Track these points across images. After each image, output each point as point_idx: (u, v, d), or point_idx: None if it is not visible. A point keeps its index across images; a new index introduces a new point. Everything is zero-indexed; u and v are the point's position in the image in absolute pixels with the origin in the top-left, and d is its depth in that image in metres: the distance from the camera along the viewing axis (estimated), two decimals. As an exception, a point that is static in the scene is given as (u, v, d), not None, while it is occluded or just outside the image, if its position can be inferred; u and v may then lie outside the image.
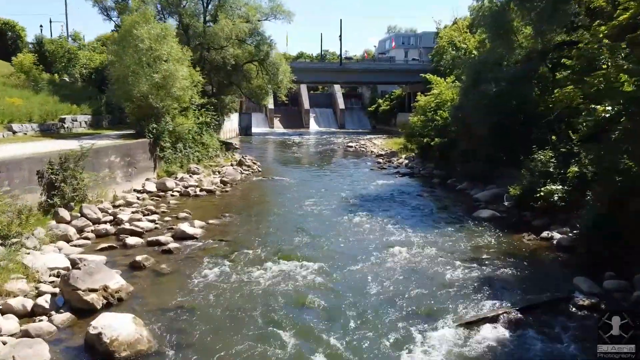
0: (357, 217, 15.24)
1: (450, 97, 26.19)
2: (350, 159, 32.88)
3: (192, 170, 23.16)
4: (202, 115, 26.83)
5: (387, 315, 8.31)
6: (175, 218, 14.87)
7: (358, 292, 9.28)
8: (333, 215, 15.55)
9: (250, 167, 26.03)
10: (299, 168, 28.31)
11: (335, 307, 8.64)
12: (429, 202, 18.09)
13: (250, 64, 34.76)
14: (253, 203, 17.59)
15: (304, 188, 20.92)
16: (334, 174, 25.43)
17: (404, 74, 71.95)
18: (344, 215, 15.49)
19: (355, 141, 50.10)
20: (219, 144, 30.30)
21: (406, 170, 26.78)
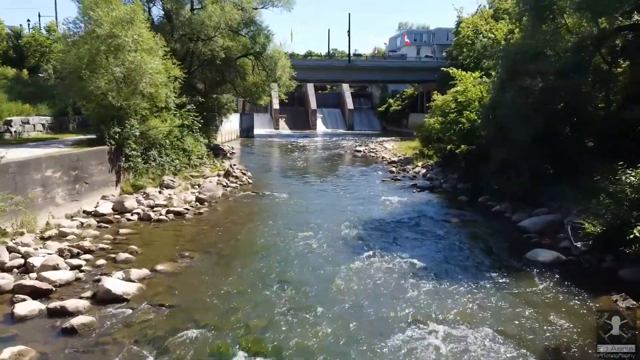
0: (367, 261, 11.00)
1: (478, 95, 21.88)
2: (359, 167, 28.64)
3: (165, 183, 19.08)
4: (183, 116, 22.75)
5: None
6: (112, 261, 10.75)
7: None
8: (333, 258, 11.32)
9: (238, 179, 21.91)
10: (298, 179, 24.11)
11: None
12: (461, 233, 13.79)
13: (245, 58, 30.68)
14: (228, 234, 13.41)
15: (300, 209, 16.74)
16: (339, 188, 21.22)
17: (416, 72, 67.61)
18: (348, 258, 11.25)
19: (364, 144, 45.86)
20: (205, 150, 26.24)
21: (424, 182, 22.48)
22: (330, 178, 24.19)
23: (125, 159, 18.23)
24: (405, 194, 19.71)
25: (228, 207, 16.94)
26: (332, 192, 20.07)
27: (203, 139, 26.48)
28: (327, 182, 22.93)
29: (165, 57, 21.41)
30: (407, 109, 75.64)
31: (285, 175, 25.03)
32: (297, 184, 22.21)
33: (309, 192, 20.30)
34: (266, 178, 24.06)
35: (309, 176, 24.86)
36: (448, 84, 49.43)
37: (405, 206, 17.17)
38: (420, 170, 25.86)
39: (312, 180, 23.59)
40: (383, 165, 29.59)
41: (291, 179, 23.76)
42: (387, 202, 17.77)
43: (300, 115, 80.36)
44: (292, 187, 21.38)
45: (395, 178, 23.59)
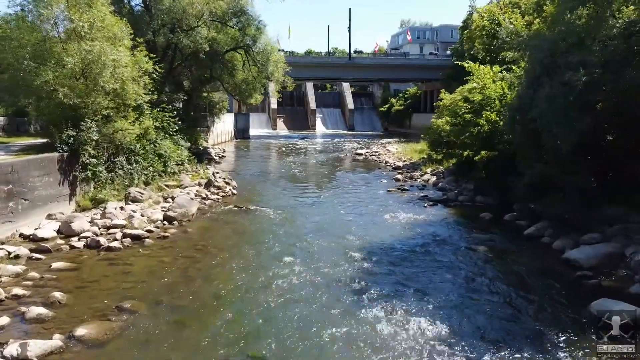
0: (372, 319, 8.01)
1: (499, 93, 18.86)
2: (360, 174, 25.62)
3: (132, 196, 16.10)
4: (158, 117, 19.78)
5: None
6: (20, 318, 7.75)
7: None
8: (329, 315, 8.30)
9: (220, 190, 18.90)
10: (292, 189, 21.11)
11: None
12: (491, 267, 10.78)
13: (234, 52, 27.67)
14: (193, 271, 10.39)
15: (290, 231, 13.73)
16: (337, 200, 18.20)
17: (420, 70, 64.71)
18: (348, 314, 8.25)
19: (365, 147, 42.88)
20: (187, 155, 23.24)
21: (436, 193, 19.51)
22: (328, 187, 21.17)
23: (82, 167, 15.23)
24: (415, 208, 16.70)
25: (201, 229, 13.92)
26: (329, 207, 17.06)
27: (185, 142, 23.48)
28: (324, 192, 19.91)
29: (137, 49, 18.46)
30: (410, 109, 72.75)
31: (276, 184, 22.02)
32: (289, 196, 19.20)
33: (302, 206, 17.29)
34: (254, 188, 21.03)
35: (304, 185, 21.84)
36: (455, 82, 46.51)
37: (417, 226, 14.15)
38: (430, 178, 22.85)
39: (308, 190, 20.58)
40: (387, 171, 26.58)
41: (283, 189, 20.75)
42: (395, 221, 14.75)
43: (299, 116, 77.55)
44: (283, 200, 18.39)
45: (402, 188, 20.57)
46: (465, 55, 54.90)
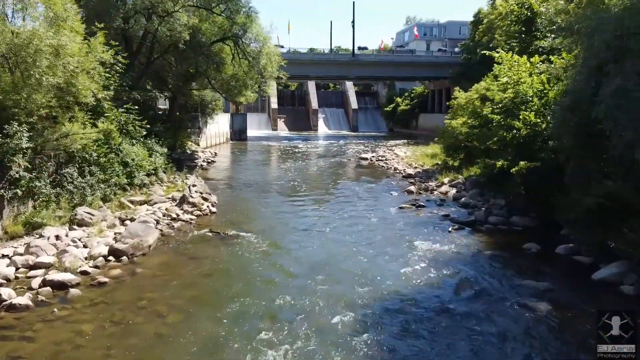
0: None
1: (538, 88, 15.33)
2: (366, 183, 22.10)
3: (78, 218, 12.70)
4: (119, 118, 16.40)
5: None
6: None
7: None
8: None
9: (196, 207, 15.44)
10: (284, 205, 17.65)
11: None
12: (565, 341, 7.31)
13: (222, 43, 24.24)
14: (120, 352, 6.96)
15: (273, 276, 10.27)
16: (339, 223, 14.73)
17: (427, 68, 61.16)
18: None
19: (371, 150, 39.41)
20: (163, 162, 19.82)
21: (459, 211, 16.04)
22: (329, 203, 17.67)
23: (9, 183, 11.83)
24: (437, 234, 13.21)
25: (156, 268, 10.46)
26: (329, 232, 13.56)
27: (161, 148, 20.06)
28: (324, 210, 16.41)
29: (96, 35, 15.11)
30: (416, 109, 69.25)
31: (267, 199, 18.54)
32: (280, 215, 15.74)
33: (295, 231, 13.80)
34: (240, 204, 17.53)
35: (300, 200, 18.36)
36: (465, 80, 42.90)
37: (443, 265, 10.66)
38: (449, 190, 19.33)
39: (304, 207, 17.10)
40: (397, 180, 23.07)
41: (274, 206, 17.29)
42: (413, 256, 11.26)
43: (301, 116, 74.24)
44: (272, 221, 14.94)
45: (416, 203, 17.06)
46: (477, 51, 51.65)
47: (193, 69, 25.37)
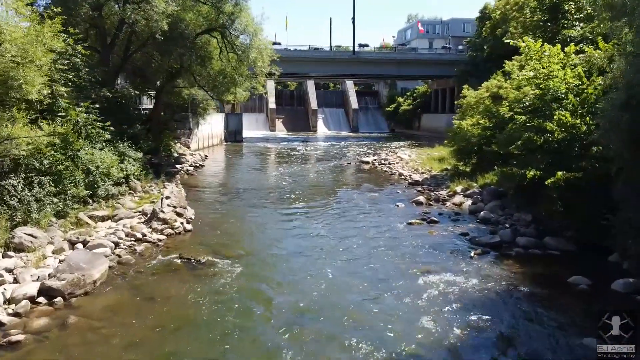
0: None
1: (574, 83, 12.89)
2: (369, 192, 19.64)
3: (16, 242, 10.28)
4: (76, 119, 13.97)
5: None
6: None
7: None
8: None
9: (167, 224, 12.98)
10: (273, 220, 15.20)
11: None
12: None
13: (208, 35, 21.81)
14: None
15: (248, 326, 7.85)
16: (336, 244, 12.30)
17: (431, 66, 58.69)
18: None
19: (373, 152, 36.99)
20: (138, 168, 17.39)
21: (479, 228, 13.62)
22: (326, 218, 15.20)
23: None
24: (456, 260, 10.77)
25: (97, 315, 8.01)
26: (325, 259, 11.11)
27: (135, 152, 17.63)
28: (320, 227, 13.95)
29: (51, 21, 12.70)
30: (419, 109, 66.84)
31: (254, 212, 16.09)
32: (268, 234, 13.30)
33: (284, 257, 11.36)
34: (221, 219, 15.01)
35: (292, 213, 15.92)
36: (472, 78, 40.44)
37: (471, 310, 8.22)
38: (463, 200, 16.90)
39: (296, 222, 14.65)
40: (402, 188, 20.63)
41: (262, 221, 14.84)
42: (429, 294, 8.83)
43: (300, 116, 71.88)
44: (257, 242, 12.50)
45: (427, 218, 14.61)
46: (485, 48, 49.28)
47: (177, 65, 22.93)
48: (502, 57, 39.02)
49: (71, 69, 13.96)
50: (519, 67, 25.93)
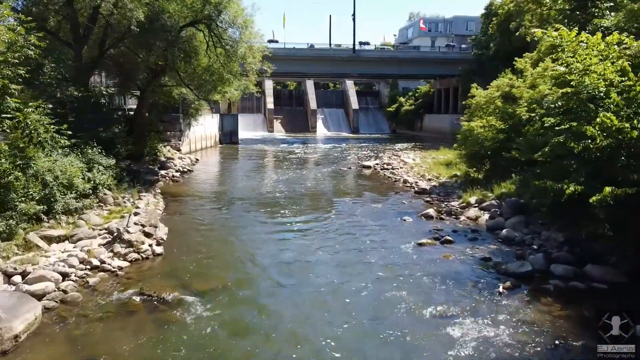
0: None
1: (616, 79, 10.81)
2: (371, 203, 17.57)
3: None
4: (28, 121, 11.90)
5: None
6: None
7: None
8: None
9: (133, 248, 10.91)
10: (260, 240, 13.12)
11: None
12: None
13: (194, 28, 19.75)
14: None
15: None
16: (333, 272, 10.26)
17: (434, 65, 56.71)
18: None
19: (375, 155, 34.97)
20: (110, 176, 15.32)
21: (500, 248, 11.57)
22: (323, 237, 13.09)
23: None
24: (480, 298, 8.71)
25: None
26: (320, 295, 9.05)
27: (107, 158, 15.56)
28: (315, 250, 11.86)
29: None
30: (421, 109, 64.86)
31: (240, 230, 13.99)
32: (253, 261, 11.20)
33: (270, 291, 9.29)
34: (199, 238, 12.85)
35: (285, 230, 13.85)
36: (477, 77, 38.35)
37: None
38: (479, 215, 14.81)
39: (288, 243, 12.58)
40: (409, 197, 18.56)
41: (248, 240, 12.77)
42: (450, 348, 6.80)
43: (299, 116, 69.92)
44: (239, 273, 10.39)
45: (441, 237, 12.53)
46: (491, 46, 47.23)
47: (162, 61, 20.86)
48: (510, 54, 37.07)
49: (23, 63, 11.88)
50: (532, 64, 24.06)
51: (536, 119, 16.79)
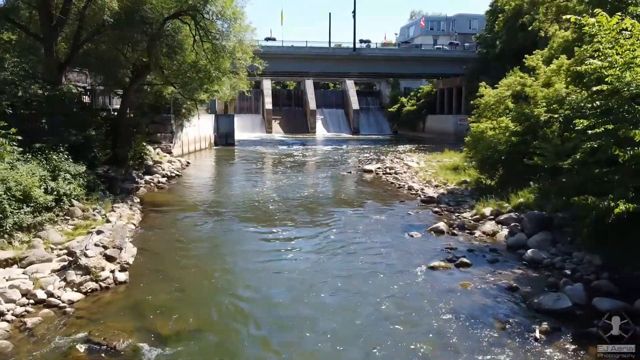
0: None
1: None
2: (373, 214, 15.77)
3: None
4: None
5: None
6: None
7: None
8: None
9: (91, 276, 9.12)
10: (245, 262, 11.32)
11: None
12: None
13: (179, 21, 17.99)
14: None
15: None
16: (327, 307, 8.51)
17: (437, 64, 54.93)
18: None
19: (376, 158, 33.22)
20: (77, 186, 13.51)
21: (526, 272, 9.82)
22: (318, 259, 11.28)
23: None
24: (514, 346, 6.93)
25: None
26: (313, 343, 7.31)
27: (76, 166, 13.78)
28: (309, 277, 10.05)
29: None
30: (423, 109, 63.15)
31: (223, 250, 12.20)
32: (235, 292, 9.41)
33: (253, 342, 7.54)
34: (173, 262, 10.89)
35: (275, 250, 12.05)
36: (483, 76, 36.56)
37: None
38: (496, 229, 13.05)
39: (277, 266, 10.80)
40: (415, 206, 16.81)
41: (230, 267, 10.98)
42: None
43: (298, 117, 68.26)
44: (216, 309, 8.57)
45: (455, 258, 10.75)
46: (497, 44, 45.48)
47: (146, 58, 19.11)
48: (517, 52, 35.21)
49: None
50: (544, 60, 22.32)
51: (559, 119, 15.10)
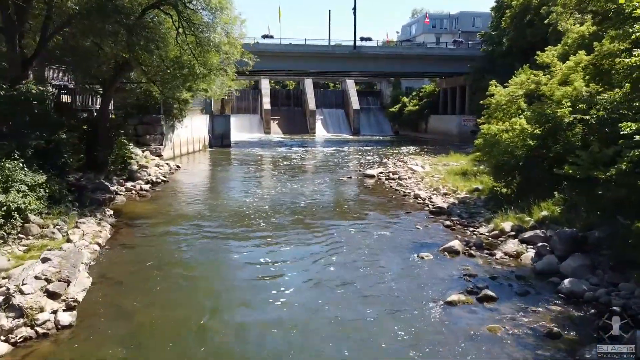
0: None
1: None
2: (376, 229, 13.90)
3: None
4: None
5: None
6: None
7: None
8: None
9: (26, 320, 7.31)
10: (224, 297, 9.48)
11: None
12: None
13: (159, 11, 16.15)
14: None
15: None
16: None
17: (440, 63, 53.04)
18: None
19: (378, 160, 31.41)
20: (34, 199, 11.67)
21: (567, 309, 7.97)
22: (312, 292, 9.41)
23: None
24: None
25: None
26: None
27: (34, 175, 11.94)
28: (301, 319, 8.26)
29: None
30: (426, 109, 61.27)
31: (201, 277, 10.32)
32: (207, 340, 7.62)
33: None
34: (135, 294, 9.06)
35: (261, 277, 10.17)
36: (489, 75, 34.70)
37: None
38: (521, 250, 11.22)
39: (264, 302, 8.95)
40: (423, 218, 14.97)
41: (205, 296, 9.16)
42: None
43: (297, 117, 66.57)
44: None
45: (476, 289, 8.94)
46: (503, 41, 43.64)
47: (125, 53, 17.30)
48: (525, 50, 33.19)
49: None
50: (558, 57, 20.53)
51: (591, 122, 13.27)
